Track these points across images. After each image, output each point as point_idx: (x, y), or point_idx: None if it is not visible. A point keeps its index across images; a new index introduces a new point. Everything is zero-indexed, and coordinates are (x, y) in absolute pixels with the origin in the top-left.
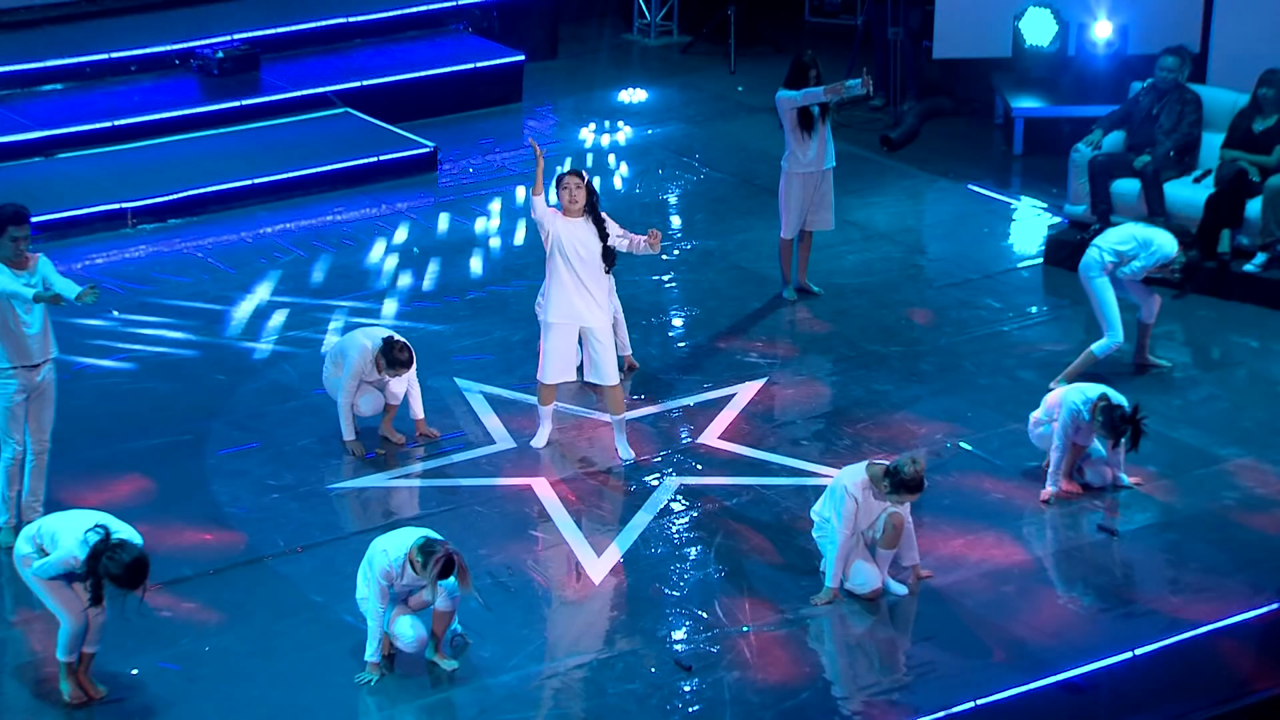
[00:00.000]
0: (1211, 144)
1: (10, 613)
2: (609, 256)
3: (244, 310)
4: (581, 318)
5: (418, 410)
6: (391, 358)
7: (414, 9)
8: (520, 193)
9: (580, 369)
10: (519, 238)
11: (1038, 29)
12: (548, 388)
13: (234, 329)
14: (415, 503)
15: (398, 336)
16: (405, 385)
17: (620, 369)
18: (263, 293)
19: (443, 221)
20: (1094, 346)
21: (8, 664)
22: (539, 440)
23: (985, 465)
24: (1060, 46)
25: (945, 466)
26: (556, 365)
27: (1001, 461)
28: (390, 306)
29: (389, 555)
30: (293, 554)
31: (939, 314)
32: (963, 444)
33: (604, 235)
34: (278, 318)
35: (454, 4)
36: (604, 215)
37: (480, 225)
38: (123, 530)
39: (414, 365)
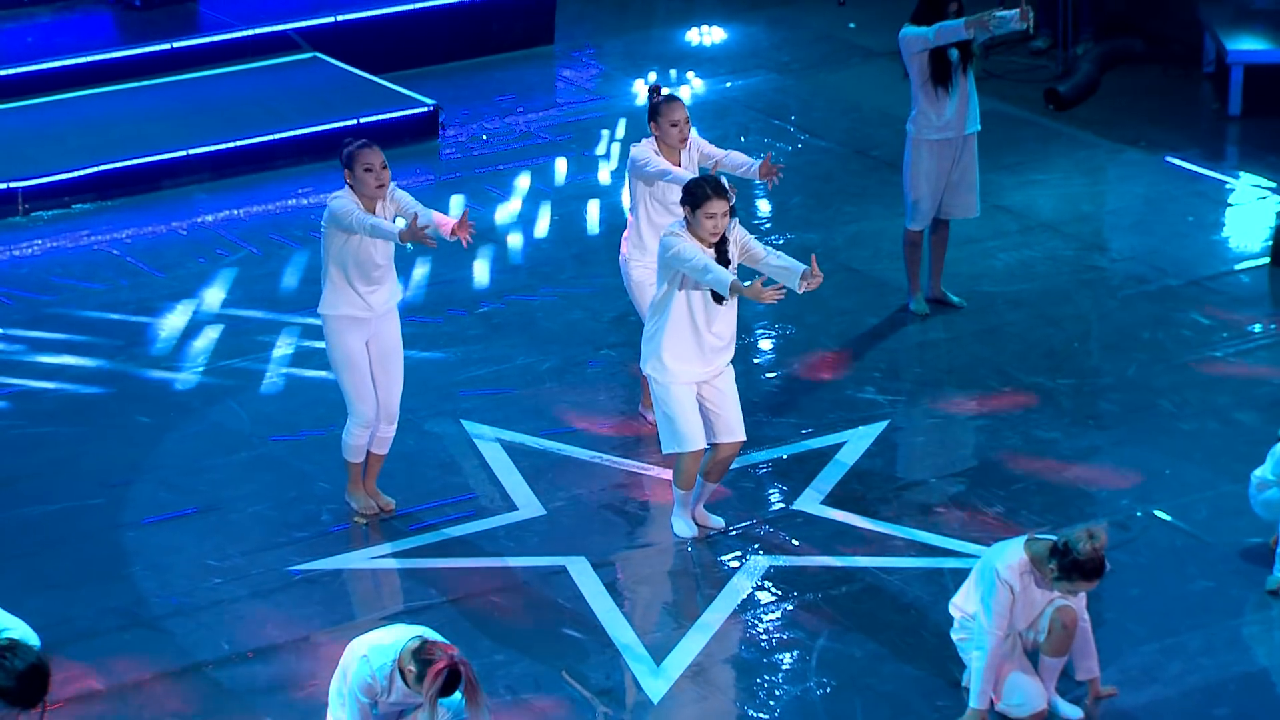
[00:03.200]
0: None
1: None
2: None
3: (176, 327)
4: (706, 371)
5: (425, 215)
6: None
7: None
8: (562, 166)
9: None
10: (547, 228)
11: None
12: (692, 458)
13: (162, 354)
14: (408, 590)
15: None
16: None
17: None
18: (202, 304)
19: (445, 206)
20: None
21: None
22: (683, 530)
23: (1189, 541)
24: None
25: (1134, 543)
26: (695, 425)
27: (1212, 537)
28: None
29: (371, 663)
30: (241, 660)
31: (1125, 334)
32: (1158, 512)
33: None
34: (222, 338)
35: None
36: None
37: (498, 213)
38: (14, 627)
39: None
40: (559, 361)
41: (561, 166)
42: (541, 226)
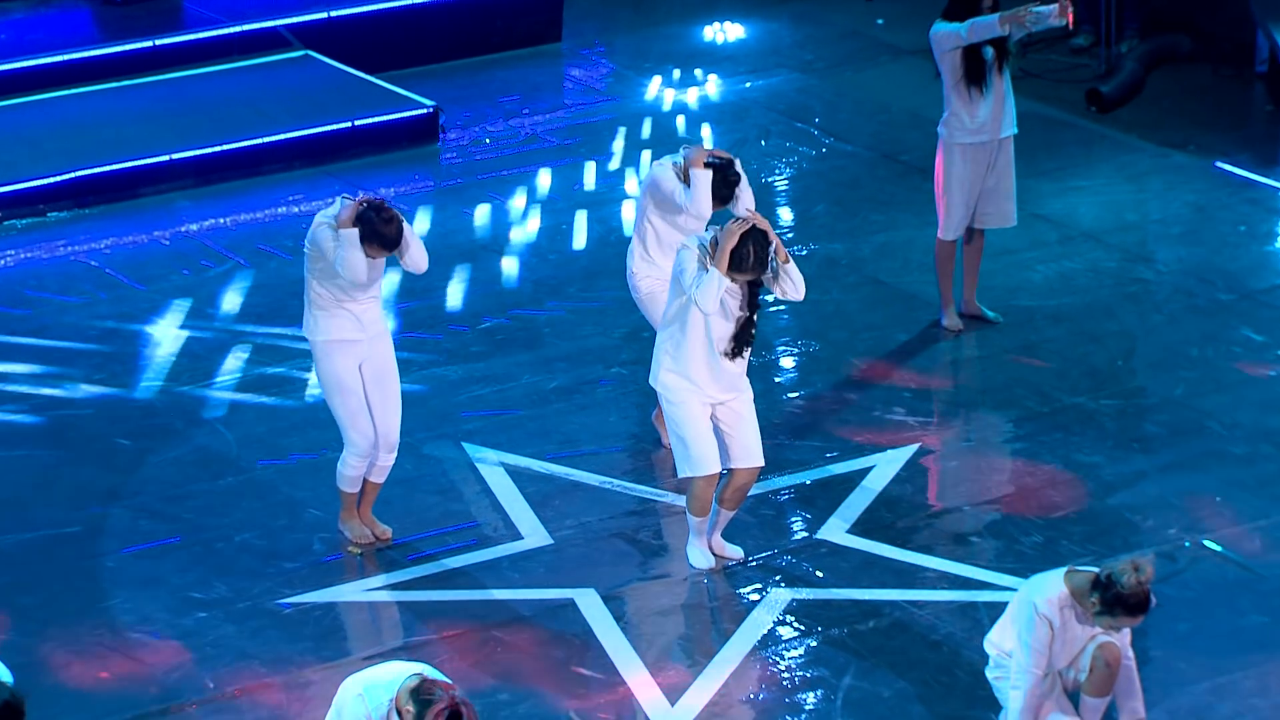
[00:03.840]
0: None
1: None
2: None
3: (158, 344)
4: (719, 393)
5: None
6: (380, 236)
7: None
8: (570, 171)
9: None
10: (555, 237)
11: None
12: (706, 482)
13: (143, 372)
14: (406, 624)
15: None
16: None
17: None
18: (185, 319)
19: (446, 214)
20: None
21: None
22: (699, 561)
23: (1241, 574)
24: None
25: (1182, 576)
26: (710, 448)
27: (1266, 569)
28: None
29: (367, 702)
30: (227, 700)
31: (1172, 351)
32: (1207, 542)
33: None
34: (207, 355)
35: None
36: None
37: (501, 221)
38: None
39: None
40: (567, 380)
41: (569, 172)
42: (548, 236)
